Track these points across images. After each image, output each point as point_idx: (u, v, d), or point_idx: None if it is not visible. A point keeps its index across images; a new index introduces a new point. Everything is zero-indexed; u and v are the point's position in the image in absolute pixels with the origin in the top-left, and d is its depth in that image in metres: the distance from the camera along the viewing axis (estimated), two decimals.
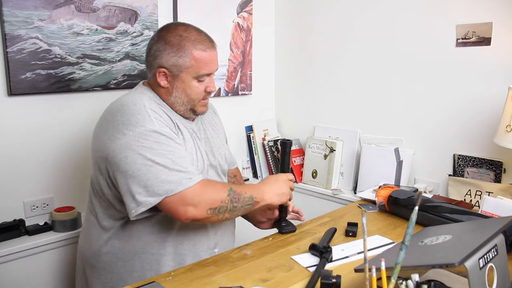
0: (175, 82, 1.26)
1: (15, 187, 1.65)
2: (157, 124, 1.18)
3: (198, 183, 1.16)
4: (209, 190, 1.17)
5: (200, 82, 1.28)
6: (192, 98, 1.28)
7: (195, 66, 1.24)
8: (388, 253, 1.06)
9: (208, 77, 1.29)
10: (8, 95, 1.58)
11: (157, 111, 1.23)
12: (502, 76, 1.72)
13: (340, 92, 2.29)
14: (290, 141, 1.40)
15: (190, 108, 1.30)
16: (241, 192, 1.22)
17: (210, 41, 1.28)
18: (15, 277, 1.58)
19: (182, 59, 1.23)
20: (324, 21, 2.31)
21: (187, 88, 1.26)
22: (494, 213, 1.43)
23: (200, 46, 1.24)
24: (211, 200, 1.16)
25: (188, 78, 1.26)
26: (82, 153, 1.81)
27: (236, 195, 1.21)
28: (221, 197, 1.18)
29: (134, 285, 1.08)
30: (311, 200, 2.29)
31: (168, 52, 1.23)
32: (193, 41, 1.24)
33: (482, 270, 0.82)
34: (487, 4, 1.74)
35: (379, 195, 1.61)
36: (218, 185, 1.22)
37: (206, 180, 1.20)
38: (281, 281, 1.09)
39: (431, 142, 1.98)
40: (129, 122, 1.17)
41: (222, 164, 1.43)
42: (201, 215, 1.16)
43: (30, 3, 1.56)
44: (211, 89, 1.30)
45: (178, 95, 1.27)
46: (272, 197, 1.30)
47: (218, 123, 1.52)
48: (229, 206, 1.19)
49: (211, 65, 1.27)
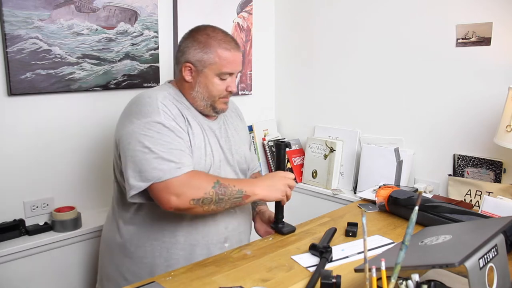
0: (199, 77, 1.34)
1: (15, 187, 1.65)
2: (163, 116, 1.24)
3: (185, 174, 1.20)
4: (194, 180, 1.20)
5: (222, 80, 1.34)
6: (213, 94, 1.34)
7: (218, 63, 1.31)
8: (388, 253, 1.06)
9: (230, 77, 1.35)
10: (8, 95, 1.58)
11: (168, 105, 1.28)
12: (502, 76, 1.72)
13: (340, 92, 2.29)
14: (285, 142, 1.39)
15: (210, 104, 1.36)
16: (228, 185, 1.23)
17: (236, 43, 1.36)
18: (15, 277, 1.58)
19: (207, 55, 1.31)
20: (324, 21, 2.31)
21: (209, 84, 1.33)
22: (494, 213, 1.43)
23: (225, 45, 1.32)
24: (194, 191, 1.19)
25: (211, 75, 1.33)
26: (82, 153, 1.81)
27: (223, 188, 1.22)
28: (205, 189, 1.20)
29: (134, 285, 1.08)
30: (311, 200, 2.29)
31: (195, 48, 1.32)
32: (219, 40, 1.32)
33: (482, 270, 0.82)
34: (487, 4, 1.74)
35: (379, 195, 1.61)
36: (205, 177, 1.24)
37: (195, 171, 1.23)
38: (281, 281, 1.09)
39: (431, 142, 1.98)
40: (139, 112, 1.25)
41: (241, 162, 1.47)
42: (184, 205, 1.18)
43: (30, 3, 1.56)
44: (232, 89, 1.36)
45: (200, 90, 1.34)
46: (264, 191, 1.28)
47: (242, 127, 1.57)
48: (214, 198, 1.21)
49: (233, 64, 1.34)
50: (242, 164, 1.47)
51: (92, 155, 1.84)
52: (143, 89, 1.92)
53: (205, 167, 1.32)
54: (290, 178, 1.35)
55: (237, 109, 1.61)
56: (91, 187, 1.86)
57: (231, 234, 1.39)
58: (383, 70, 2.10)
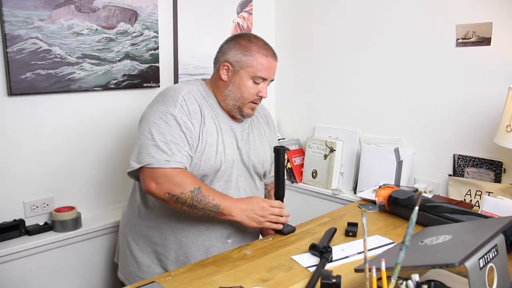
0: (234, 77, 1.40)
1: (15, 187, 1.65)
2: (178, 109, 1.32)
3: (173, 169, 1.26)
4: (177, 177, 1.26)
5: (255, 84, 1.39)
6: (244, 96, 1.40)
7: (254, 66, 1.38)
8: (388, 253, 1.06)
9: (263, 82, 1.41)
10: (8, 95, 1.58)
11: (188, 100, 1.35)
12: (502, 76, 1.72)
13: (340, 92, 2.29)
14: (283, 147, 1.40)
15: (238, 106, 1.41)
16: (207, 196, 1.27)
17: (274, 52, 1.44)
18: (15, 277, 1.58)
19: (245, 57, 1.38)
20: (324, 21, 2.31)
21: (243, 85, 1.39)
22: (494, 213, 1.43)
23: (264, 51, 1.40)
24: (172, 186, 1.25)
25: (246, 76, 1.39)
26: (82, 153, 1.81)
27: (200, 196, 1.27)
28: (183, 189, 1.26)
29: (134, 285, 1.08)
30: (311, 200, 2.29)
31: (236, 50, 1.40)
32: (259, 46, 1.40)
33: (482, 270, 0.82)
34: (487, 4, 1.74)
35: (379, 195, 1.61)
36: (188, 179, 1.28)
37: (183, 170, 1.29)
38: (281, 281, 1.09)
39: (431, 142, 1.98)
40: (161, 101, 1.35)
41: (258, 167, 1.50)
42: (159, 195, 1.27)
43: (30, 3, 1.56)
44: (263, 94, 1.41)
45: (233, 89, 1.40)
46: (242, 216, 1.31)
47: (268, 133, 1.60)
48: (189, 202, 1.26)
49: (269, 71, 1.40)
50: (258, 169, 1.51)
51: (93, 155, 1.84)
52: (143, 89, 1.94)
53: (215, 164, 1.37)
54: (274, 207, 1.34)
55: (267, 116, 1.64)
56: (91, 187, 1.86)
57: (235, 231, 1.42)
58: (383, 70, 2.10)
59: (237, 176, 1.43)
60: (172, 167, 1.26)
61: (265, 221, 1.32)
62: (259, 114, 1.60)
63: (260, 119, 1.60)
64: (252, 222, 1.31)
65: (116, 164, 1.91)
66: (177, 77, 2.08)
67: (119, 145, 1.90)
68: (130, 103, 1.91)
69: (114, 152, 1.90)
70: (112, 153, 1.90)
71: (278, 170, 1.39)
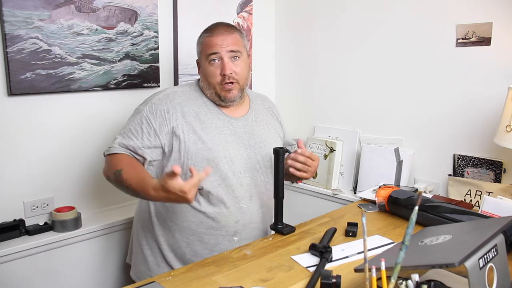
0: (201, 69, 1.46)
1: (15, 187, 1.65)
2: (147, 107, 1.38)
3: (112, 154, 1.35)
4: (109, 161, 1.35)
5: (211, 63, 1.39)
6: (209, 81, 1.41)
7: (203, 50, 1.42)
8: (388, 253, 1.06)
9: (220, 60, 1.39)
10: (8, 95, 1.58)
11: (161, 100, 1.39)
12: (502, 76, 1.72)
13: (340, 92, 2.29)
14: (283, 148, 1.39)
15: (215, 93, 1.43)
16: (126, 179, 1.27)
17: (223, 26, 1.42)
18: (15, 277, 1.58)
19: (198, 47, 1.46)
20: (323, 21, 2.31)
21: (205, 72, 1.42)
22: (494, 213, 1.43)
23: (208, 33, 1.42)
24: (106, 169, 1.36)
25: (204, 62, 1.42)
26: (82, 153, 1.81)
27: (120, 179, 1.29)
28: (108, 172, 1.34)
29: (134, 285, 1.08)
30: (311, 200, 2.29)
31: (196, 45, 1.47)
32: (206, 30, 1.44)
33: (482, 270, 0.82)
34: (487, 4, 1.74)
35: (379, 195, 1.61)
36: (116, 162, 1.33)
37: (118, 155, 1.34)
38: (281, 281, 1.09)
39: (431, 142, 1.98)
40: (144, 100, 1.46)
41: (265, 159, 1.49)
42: (104, 175, 1.37)
43: (30, 3, 1.56)
44: (224, 71, 1.38)
45: (202, 79, 1.45)
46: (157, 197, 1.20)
47: (275, 125, 1.61)
48: (114, 182, 1.33)
49: (215, 46, 1.38)
50: (266, 161, 1.50)
51: (92, 155, 1.84)
52: (143, 89, 1.94)
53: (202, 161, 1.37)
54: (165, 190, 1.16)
55: (272, 108, 1.66)
56: (91, 187, 1.86)
57: (241, 229, 1.42)
58: (383, 70, 2.10)
59: (239, 171, 1.42)
60: (112, 153, 1.35)
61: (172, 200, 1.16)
62: (263, 106, 1.60)
63: (266, 111, 1.60)
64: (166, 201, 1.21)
65: None
66: (177, 77, 2.08)
67: None
68: (130, 103, 1.90)
69: None
70: None
71: (278, 171, 1.39)
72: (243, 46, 1.45)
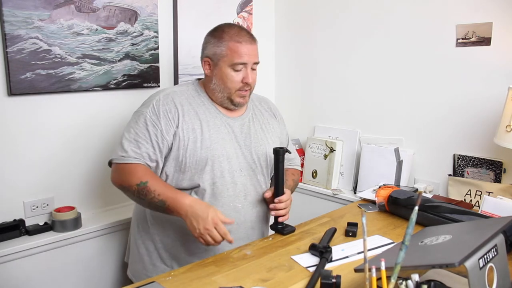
0: (215, 70, 1.42)
1: (15, 187, 1.64)
2: (149, 109, 1.38)
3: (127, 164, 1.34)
4: (127, 171, 1.33)
5: (236, 72, 1.40)
6: (228, 86, 1.41)
7: (229, 55, 1.39)
8: (388, 253, 1.06)
9: (244, 68, 1.40)
10: (8, 95, 1.58)
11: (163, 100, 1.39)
12: (502, 76, 1.72)
13: (340, 92, 2.29)
14: (283, 148, 1.39)
15: (227, 97, 1.43)
16: (153, 191, 1.30)
17: (249, 36, 1.43)
18: (15, 277, 1.58)
19: (219, 49, 1.40)
20: (324, 21, 2.31)
21: (224, 76, 1.40)
22: (494, 213, 1.43)
23: (236, 38, 1.39)
24: (123, 178, 1.34)
25: (225, 67, 1.40)
26: (82, 153, 1.81)
27: (145, 191, 1.30)
28: (130, 182, 1.32)
29: (134, 285, 1.08)
30: (311, 200, 2.29)
31: (211, 43, 1.42)
32: (231, 35, 1.40)
33: (482, 270, 0.82)
34: (487, 4, 1.74)
35: (379, 195, 1.61)
36: (138, 173, 1.32)
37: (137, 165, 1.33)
38: (281, 281, 1.09)
39: (431, 142, 1.98)
40: (144, 102, 1.45)
41: (261, 159, 1.49)
42: (115, 184, 1.38)
43: (30, 3, 1.56)
44: (247, 80, 1.41)
45: (216, 82, 1.42)
46: (187, 217, 1.25)
47: (274, 125, 1.60)
48: (136, 195, 1.32)
49: (244, 56, 1.39)
50: (262, 162, 1.50)
51: (92, 155, 1.84)
52: (143, 89, 1.94)
53: (200, 159, 1.38)
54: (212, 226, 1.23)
55: (272, 109, 1.65)
56: (91, 187, 1.86)
57: (236, 228, 1.41)
58: (383, 70, 2.10)
59: (234, 170, 1.42)
60: (126, 162, 1.33)
61: (201, 234, 1.23)
62: (262, 107, 1.60)
63: (264, 112, 1.60)
64: (191, 227, 1.25)
65: None
66: (177, 77, 2.08)
67: None
68: (130, 103, 1.91)
69: None
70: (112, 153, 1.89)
71: (278, 171, 1.39)
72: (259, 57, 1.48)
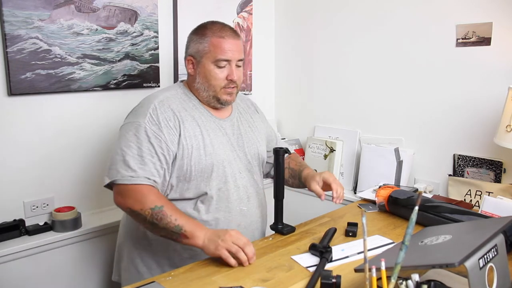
0: (198, 68, 1.39)
1: (15, 187, 1.65)
2: (147, 120, 1.29)
3: (137, 185, 1.24)
4: (138, 194, 1.23)
5: (220, 68, 1.36)
6: (211, 83, 1.37)
7: (212, 51, 1.35)
8: (388, 253, 1.06)
9: (228, 65, 1.37)
10: (8, 95, 1.58)
11: (160, 108, 1.32)
12: (502, 76, 1.72)
13: (340, 92, 2.29)
14: (283, 148, 1.39)
15: (213, 96, 1.39)
16: (170, 215, 1.21)
17: (232, 31, 1.39)
18: (15, 277, 1.58)
19: (202, 45, 1.36)
20: (323, 21, 2.31)
21: (207, 73, 1.37)
22: (494, 213, 1.43)
23: (219, 33, 1.36)
24: (134, 202, 1.23)
25: (208, 63, 1.36)
26: (82, 153, 1.81)
27: (161, 215, 1.21)
28: (143, 206, 1.22)
29: (134, 285, 1.08)
30: (311, 200, 2.28)
31: (194, 41, 1.39)
32: (214, 30, 1.37)
33: (482, 270, 0.82)
34: (487, 4, 1.74)
35: (379, 195, 1.61)
36: (151, 197, 1.23)
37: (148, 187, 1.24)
38: (281, 281, 1.09)
39: (431, 142, 1.98)
40: (133, 112, 1.36)
41: (254, 158, 1.48)
42: (123, 208, 1.27)
43: (30, 3, 1.56)
44: (232, 77, 1.37)
45: (200, 80, 1.39)
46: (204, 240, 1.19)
47: (258, 121, 1.57)
48: (148, 219, 1.22)
49: (227, 51, 1.35)
50: (255, 160, 1.49)
51: (92, 155, 1.84)
52: (143, 89, 1.94)
53: (206, 166, 1.34)
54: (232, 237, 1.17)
55: (253, 103, 1.63)
56: (91, 187, 1.86)
57: (244, 231, 1.38)
58: (383, 70, 2.10)
59: (235, 174, 1.40)
60: (135, 183, 1.23)
61: (224, 247, 1.15)
62: (244, 104, 1.57)
63: (247, 108, 1.57)
64: (211, 246, 1.17)
65: None
66: (177, 77, 2.08)
67: None
68: (130, 103, 1.90)
69: None
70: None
71: (278, 172, 1.39)
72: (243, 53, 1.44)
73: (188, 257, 1.35)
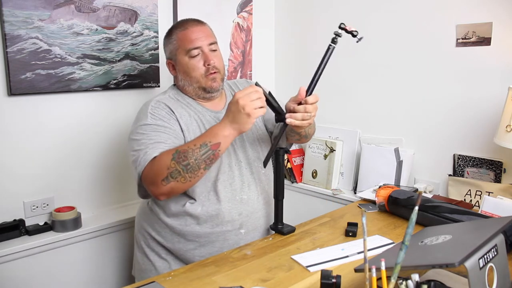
0: (177, 67, 1.43)
1: (15, 187, 1.65)
2: (149, 118, 1.33)
3: (149, 161, 1.23)
4: (155, 163, 1.22)
5: (194, 58, 1.38)
6: (192, 75, 1.40)
7: (181, 45, 1.39)
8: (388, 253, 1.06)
9: (201, 52, 1.39)
10: (8, 95, 1.58)
11: (157, 107, 1.36)
12: (502, 76, 1.72)
13: (340, 92, 2.29)
14: (283, 149, 1.39)
15: (199, 87, 1.41)
16: (188, 148, 1.20)
17: (194, 20, 1.42)
18: (15, 277, 1.58)
19: (172, 45, 1.42)
20: (324, 21, 2.31)
21: (185, 67, 1.40)
22: (494, 213, 1.43)
23: (181, 27, 1.40)
24: (158, 172, 1.20)
25: (182, 58, 1.40)
26: (82, 153, 1.81)
27: (182, 154, 1.19)
28: (166, 164, 1.19)
29: (134, 285, 1.08)
30: (311, 200, 2.29)
31: (166, 45, 1.45)
32: (177, 27, 1.42)
33: (482, 270, 0.82)
34: (487, 4, 1.74)
35: (379, 195, 1.61)
36: (163, 154, 1.22)
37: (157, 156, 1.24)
38: (281, 281, 1.09)
39: (431, 142, 1.98)
40: (136, 119, 1.39)
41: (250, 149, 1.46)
42: (161, 190, 1.22)
43: (30, 3, 1.56)
44: (208, 61, 1.38)
45: (182, 77, 1.42)
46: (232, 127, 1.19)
47: None
48: (180, 168, 1.19)
49: (194, 40, 1.38)
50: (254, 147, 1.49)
51: (92, 155, 1.84)
52: (143, 89, 1.95)
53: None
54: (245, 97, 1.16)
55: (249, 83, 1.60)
56: (91, 187, 1.86)
57: (246, 220, 1.41)
58: (383, 70, 2.10)
59: (233, 164, 1.41)
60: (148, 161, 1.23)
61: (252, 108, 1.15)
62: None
63: None
64: (242, 120, 1.16)
65: (116, 164, 1.91)
66: None
67: (119, 145, 1.90)
68: (130, 103, 1.91)
69: (114, 152, 1.90)
70: (112, 153, 1.90)
71: (278, 172, 1.39)
72: (215, 37, 1.45)
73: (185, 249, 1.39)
